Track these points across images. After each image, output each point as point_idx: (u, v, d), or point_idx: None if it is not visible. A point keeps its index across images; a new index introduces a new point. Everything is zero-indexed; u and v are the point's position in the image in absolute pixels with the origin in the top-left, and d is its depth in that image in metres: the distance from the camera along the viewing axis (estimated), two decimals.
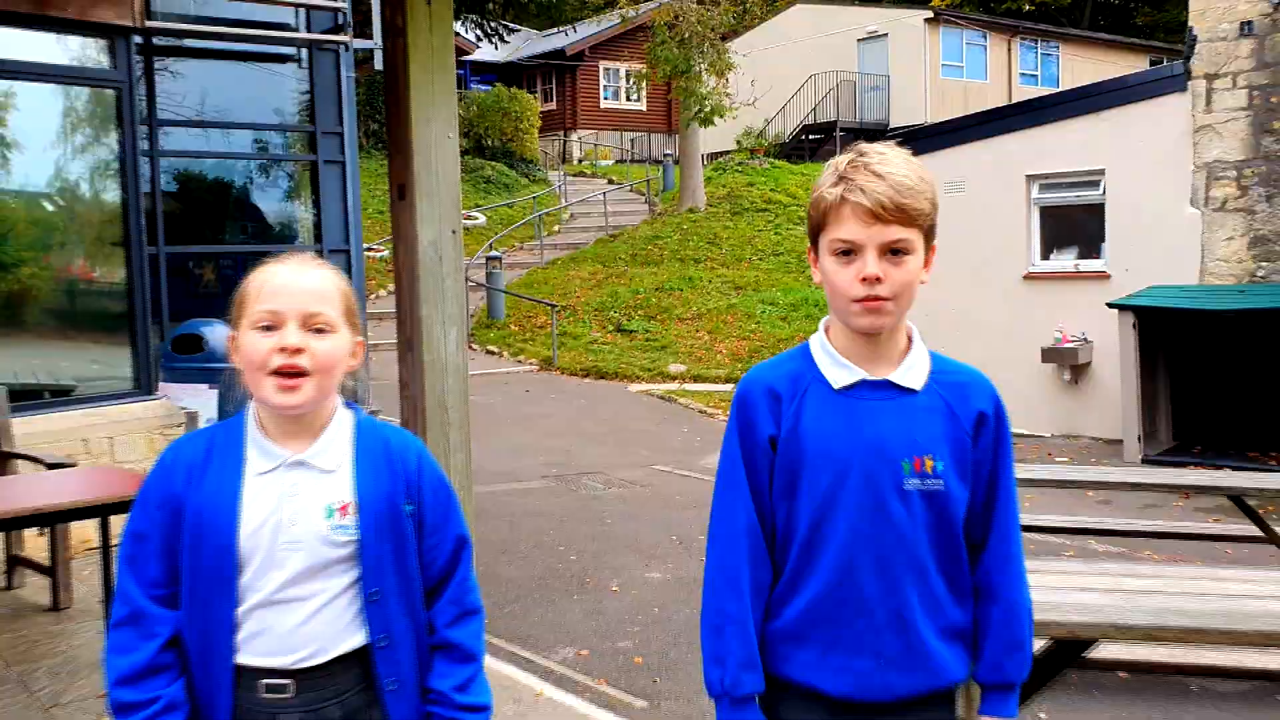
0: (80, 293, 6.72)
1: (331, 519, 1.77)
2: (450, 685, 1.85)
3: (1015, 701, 1.88)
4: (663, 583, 6.16)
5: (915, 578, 1.80)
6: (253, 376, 1.77)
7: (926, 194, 1.77)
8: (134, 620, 1.76)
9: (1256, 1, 9.60)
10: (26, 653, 4.72)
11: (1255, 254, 9.73)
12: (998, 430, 1.84)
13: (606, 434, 11.86)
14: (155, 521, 1.79)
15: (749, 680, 1.82)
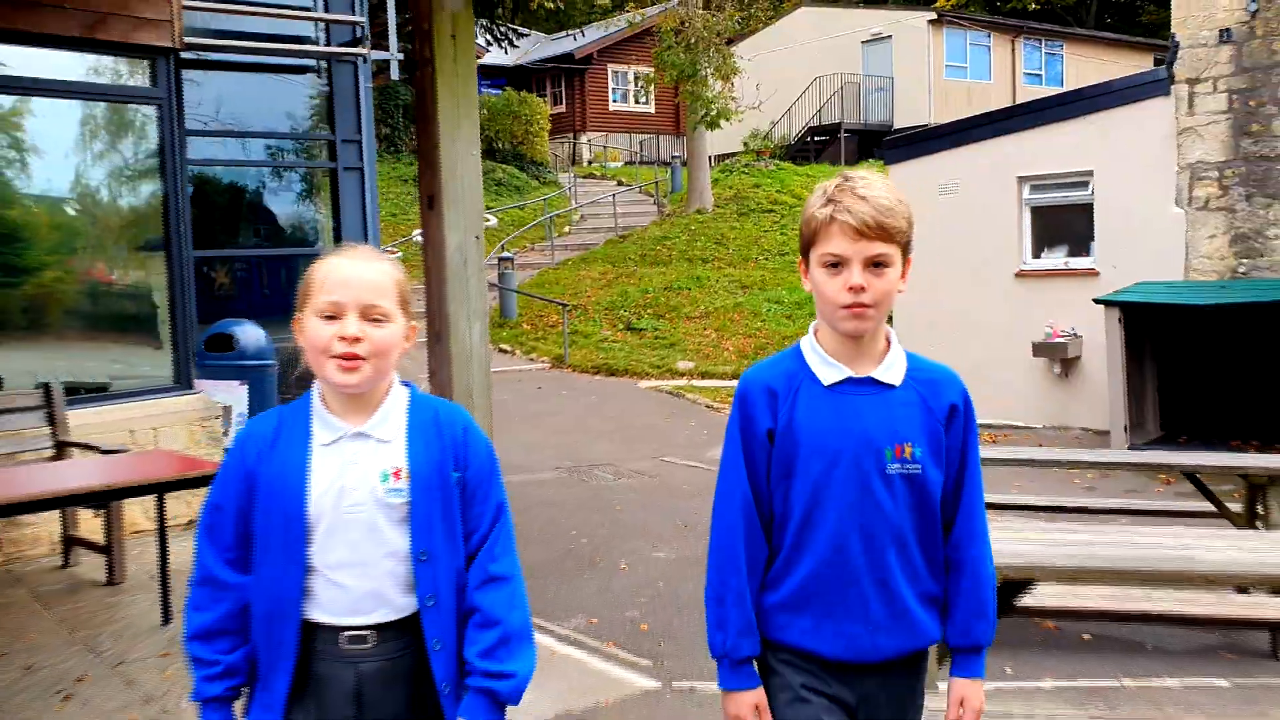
0: (125, 295, 7.20)
1: (386, 483, 1.95)
2: (476, 651, 1.97)
3: (983, 662, 2.14)
4: (668, 561, 6.60)
5: (898, 551, 2.04)
6: (315, 358, 1.96)
7: (904, 214, 2.03)
8: (208, 583, 1.98)
9: (1234, 10, 10.01)
10: (88, 620, 5.20)
11: (1236, 251, 10.14)
12: (966, 420, 2.11)
13: (616, 428, 12.27)
14: (230, 494, 1.99)
15: (746, 645, 2.09)
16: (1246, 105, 10.02)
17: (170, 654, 4.71)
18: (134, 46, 6.65)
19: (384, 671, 1.94)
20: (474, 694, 1.95)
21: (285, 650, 1.93)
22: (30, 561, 6.21)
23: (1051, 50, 34.23)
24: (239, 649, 1.97)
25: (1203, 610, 4.38)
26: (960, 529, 2.11)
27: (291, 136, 10.83)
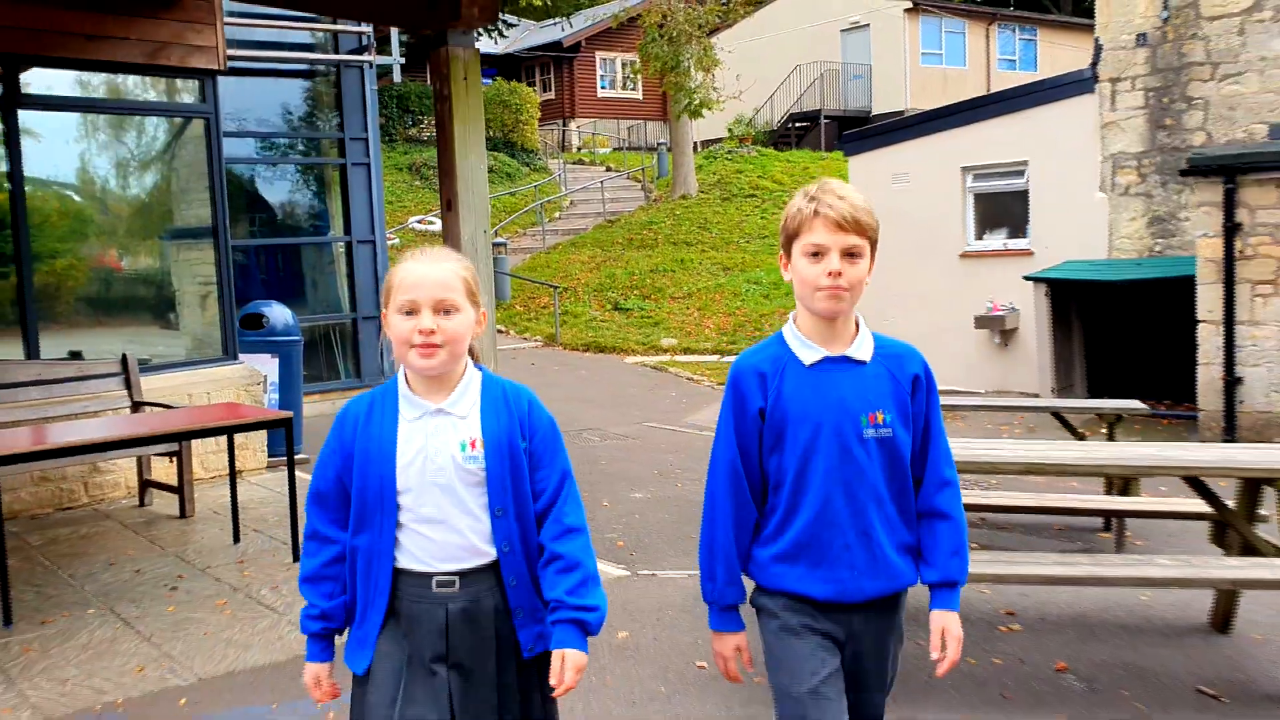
0: (181, 279, 8.41)
1: (464, 452, 2.26)
2: (563, 590, 2.28)
3: (958, 597, 2.44)
4: (644, 500, 7.81)
5: (875, 505, 2.35)
6: (400, 349, 2.27)
7: (873, 215, 2.35)
8: (314, 537, 2.37)
9: (1150, 16, 11.22)
10: (172, 542, 6.43)
11: (1153, 232, 11.39)
12: (928, 388, 2.42)
13: (604, 399, 13.42)
14: (332, 465, 2.34)
15: (732, 593, 2.42)
16: (1160, 102, 11.25)
17: (244, 561, 5.95)
18: (187, 69, 7.84)
19: (467, 611, 2.25)
20: (566, 625, 2.26)
21: (380, 591, 2.27)
22: (112, 503, 7.46)
23: (1025, 36, 35.31)
24: (337, 597, 2.34)
25: (1051, 503, 5.65)
26: (930, 481, 2.42)
27: (305, 135, 12.03)
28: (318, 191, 12.51)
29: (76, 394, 7.03)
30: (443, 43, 5.10)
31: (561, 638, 2.24)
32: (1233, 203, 9.09)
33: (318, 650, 2.34)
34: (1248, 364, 9.20)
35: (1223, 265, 9.16)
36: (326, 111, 12.17)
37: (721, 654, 2.47)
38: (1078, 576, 3.86)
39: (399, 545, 2.25)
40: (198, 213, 8.32)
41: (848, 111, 32.55)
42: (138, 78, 7.79)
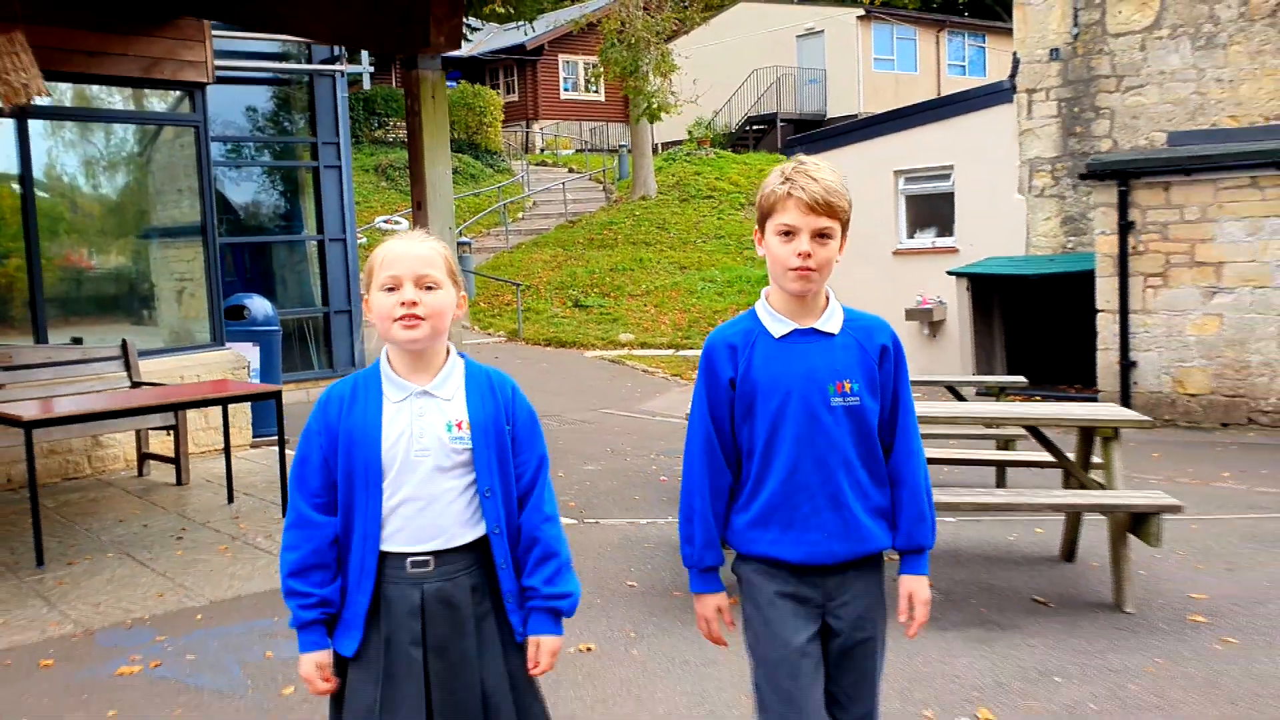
0: (173, 273, 9.20)
1: (451, 432, 2.26)
2: (541, 579, 2.32)
3: (926, 562, 2.51)
4: (596, 471, 8.67)
5: (844, 470, 2.39)
6: (383, 324, 2.27)
7: (846, 197, 2.38)
8: (300, 525, 2.30)
9: (1061, 33, 12.24)
10: (172, 504, 7.24)
11: (1066, 230, 12.41)
12: (896, 359, 2.46)
13: (564, 389, 14.23)
14: (315, 446, 2.30)
15: (710, 556, 2.47)
16: (1071, 111, 12.27)
17: (238, 517, 6.79)
18: (179, 82, 8.64)
19: (443, 591, 2.26)
20: (541, 613, 2.33)
21: (367, 574, 2.27)
22: (113, 473, 8.25)
23: (975, 43, 36.48)
24: (330, 583, 2.29)
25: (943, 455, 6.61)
26: (898, 450, 2.47)
27: (280, 140, 12.81)
28: (292, 193, 13.27)
29: (82, 375, 7.82)
30: (414, 65, 5.95)
31: (537, 624, 2.33)
32: (1126, 203, 10.10)
33: (315, 639, 2.30)
34: (1141, 349, 10.22)
35: (1118, 260, 10.17)
36: (300, 117, 12.94)
37: (704, 616, 2.52)
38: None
39: (388, 528, 2.27)
40: (189, 213, 9.11)
41: (803, 115, 33.56)
42: (134, 90, 8.57)
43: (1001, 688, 4.04)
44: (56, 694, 4.19)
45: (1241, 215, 9.61)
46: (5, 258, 8.16)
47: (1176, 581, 5.35)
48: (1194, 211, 9.83)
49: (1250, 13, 10.98)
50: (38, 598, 5.33)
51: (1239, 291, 9.70)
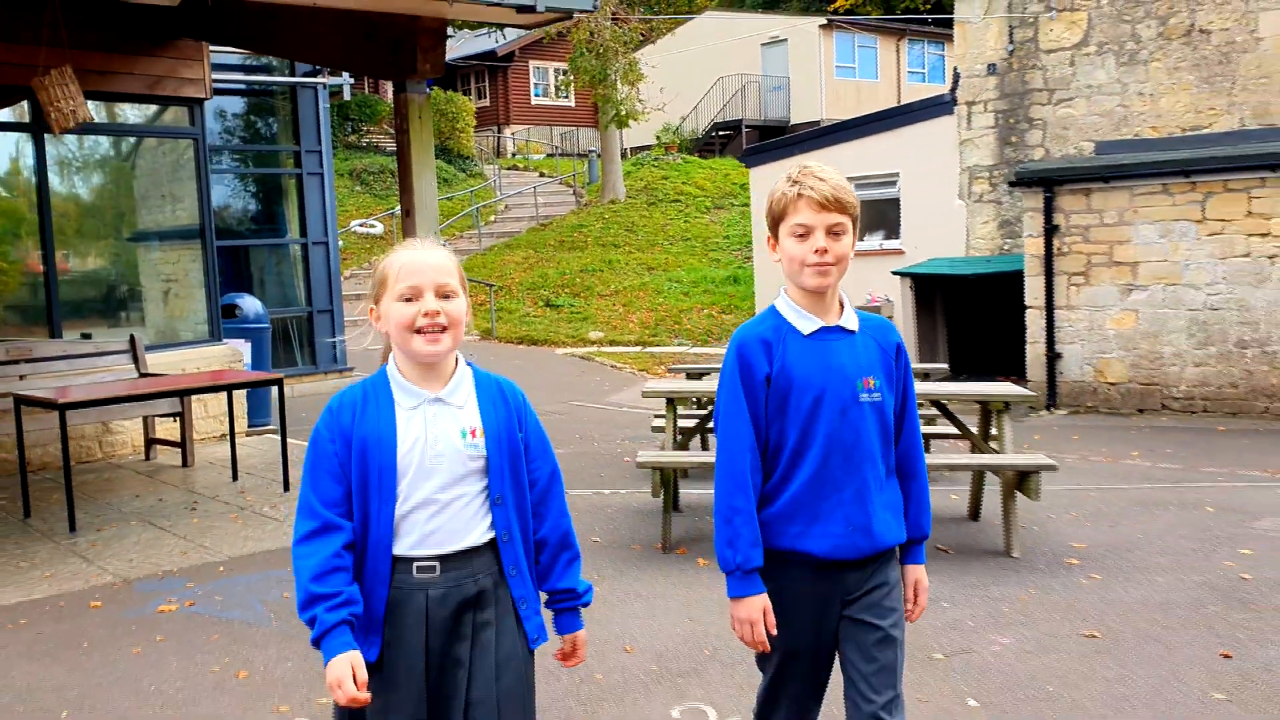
0: (175, 275, 9.95)
1: (465, 439, 2.27)
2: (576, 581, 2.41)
3: (924, 549, 2.63)
4: (566, 454, 9.46)
5: (869, 466, 2.46)
6: (401, 335, 2.24)
7: (853, 194, 2.47)
8: (320, 532, 2.23)
9: (998, 49, 13.17)
10: (180, 482, 8.00)
11: (1002, 233, 13.34)
12: (904, 357, 2.59)
13: (537, 384, 14.94)
14: (330, 453, 2.26)
15: (756, 556, 2.44)
16: (1007, 122, 13.21)
17: (244, 492, 7.56)
18: (179, 99, 9.40)
19: (448, 596, 2.24)
20: (574, 613, 2.43)
21: (381, 578, 2.25)
22: (121, 458, 8.99)
23: (934, 51, 37.49)
24: (352, 584, 2.24)
25: None
26: (906, 443, 2.56)
27: (265, 148, 13.55)
28: (277, 198, 14.00)
29: (94, 367, 8.55)
30: (403, 90, 6.75)
31: (571, 622, 2.42)
32: (1051, 208, 11.03)
33: (346, 640, 2.17)
34: (1065, 342, 11.14)
35: (1044, 260, 11.09)
36: (284, 126, 13.68)
37: (748, 619, 2.47)
38: None
39: (400, 532, 2.26)
40: (188, 218, 9.86)
41: (768, 121, 34.48)
42: (139, 105, 9.32)
43: None
44: (110, 626, 4.97)
45: (1154, 219, 10.55)
46: (24, 261, 8.89)
47: (1063, 536, 6.23)
48: (1112, 216, 10.77)
49: (1168, 33, 11.94)
50: (76, 557, 6.10)
51: (1152, 289, 10.64)
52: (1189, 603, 4.98)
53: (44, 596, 5.42)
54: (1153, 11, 11.99)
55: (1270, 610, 4.86)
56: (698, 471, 8.08)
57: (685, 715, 3.85)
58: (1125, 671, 4.17)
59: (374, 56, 6.88)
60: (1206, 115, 11.70)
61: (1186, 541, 6.05)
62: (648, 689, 4.08)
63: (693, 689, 4.07)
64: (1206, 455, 8.84)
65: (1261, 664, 4.22)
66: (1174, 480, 7.87)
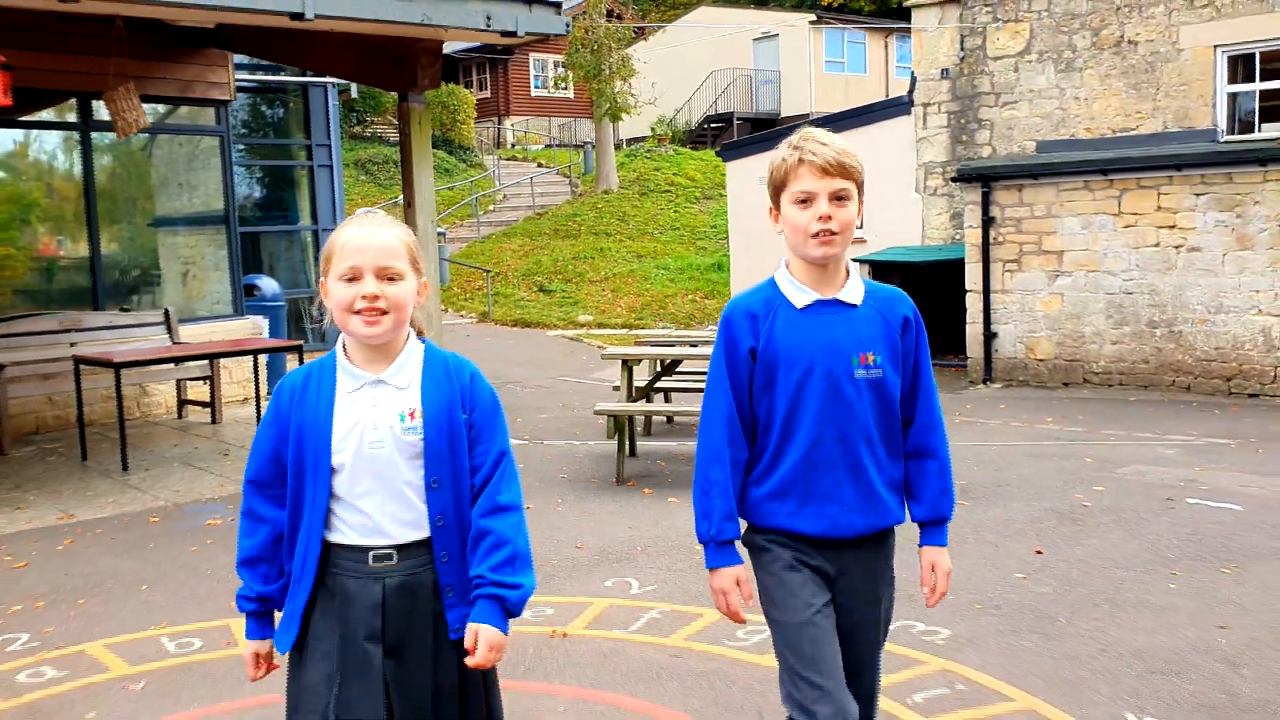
0: (205, 257, 11.21)
1: (403, 422, 2.22)
2: (488, 566, 2.22)
3: (946, 533, 2.57)
4: (547, 418, 10.69)
5: (865, 444, 2.42)
6: (341, 316, 2.22)
7: (856, 158, 2.41)
8: (249, 515, 2.33)
9: (951, 55, 14.37)
10: (211, 435, 9.25)
11: (954, 224, 14.56)
12: (917, 331, 2.48)
13: (528, 362, 16.20)
14: (268, 436, 2.30)
15: (730, 529, 2.44)
16: (959, 122, 14.42)
17: None
18: (207, 100, 10.63)
19: (405, 586, 2.22)
20: (486, 600, 2.21)
21: (309, 570, 2.24)
22: (156, 417, 10.26)
23: None
24: (274, 580, 2.31)
25: None
26: (920, 422, 2.50)
27: (280, 141, 14.77)
28: (289, 188, 15.24)
29: (133, 336, 9.81)
30: (405, 99, 7.96)
31: (479, 613, 2.22)
32: (988, 202, 12.25)
33: (256, 627, 2.33)
34: (1000, 323, 12.38)
35: (981, 249, 12.32)
36: (296, 121, 14.90)
37: (721, 589, 2.46)
38: None
39: (336, 519, 2.23)
40: (213, 206, 11.11)
41: (758, 114, 35.60)
42: (172, 106, 10.56)
43: None
44: (168, 534, 6.23)
45: (1077, 212, 11.77)
46: (72, 243, 10.15)
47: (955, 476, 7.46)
48: (1041, 209, 11.98)
49: (1100, 43, 13.12)
50: (131, 488, 7.36)
51: (1075, 275, 11.87)
52: (1029, 520, 6.23)
53: (112, 515, 6.69)
54: (1087, 24, 13.17)
55: (1092, 526, 6.11)
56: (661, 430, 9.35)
57: (615, 584, 5.11)
58: (957, 563, 5.41)
59: (380, 71, 8.10)
60: (1134, 118, 12.90)
61: (1053, 481, 7.29)
62: (590, 571, 5.34)
63: (623, 570, 5.33)
64: (1111, 420, 10.06)
65: (1064, 559, 5.47)
66: (1072, 439, 9.10)
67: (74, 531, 6.33)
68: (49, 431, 9.52)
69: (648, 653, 4.27)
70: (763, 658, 4.19)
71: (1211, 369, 11.17)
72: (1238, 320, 10.97)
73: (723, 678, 4.03)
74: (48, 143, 10.15)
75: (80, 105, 9.92)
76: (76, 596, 5.19)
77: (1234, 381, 11.04)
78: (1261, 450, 8.35)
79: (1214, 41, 12.28)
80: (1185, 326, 11.28)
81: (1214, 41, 12.28)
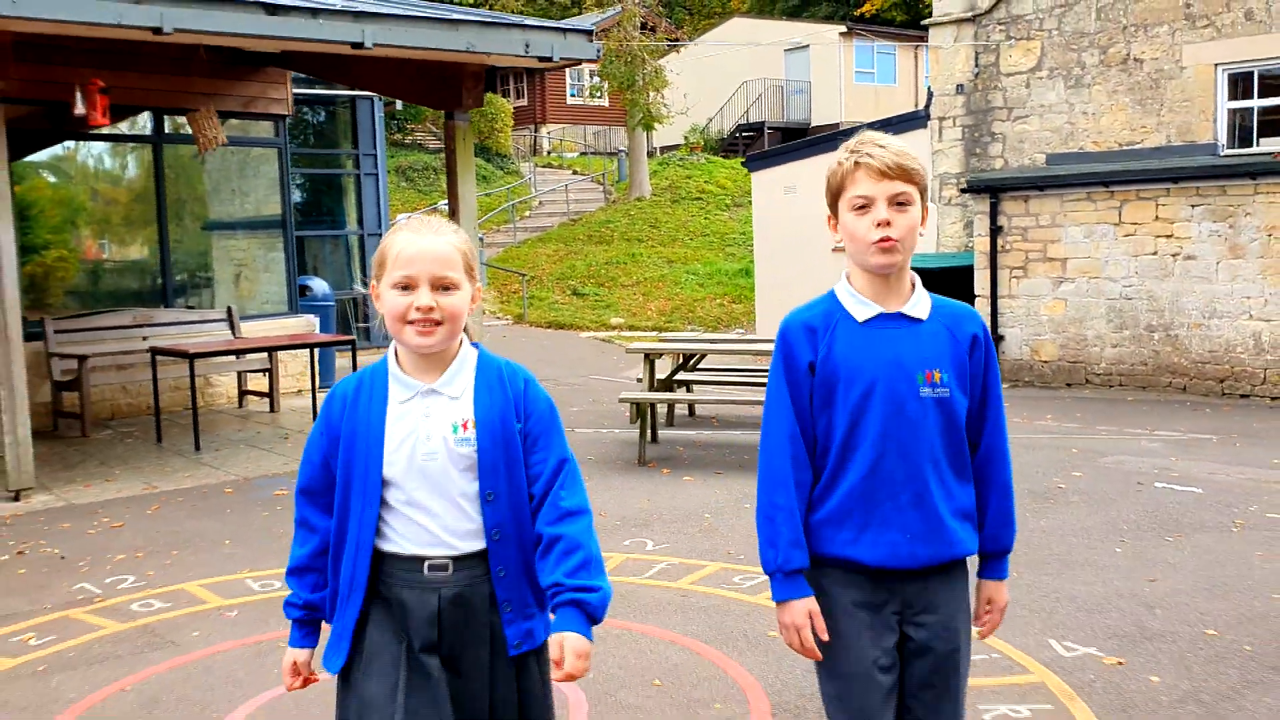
0: (256, 259, 12.11)
1: (456, 434, 2.16)
2: (563, 572, 2.13)
3: (1006, 565, 2.43)
4: (578, 410, 11.46)
5: (931, 467, 2.26)
6: (394, 325, 2.17)
7: (917, 161, 2.30)
8: (304, 524, 2.29)
9: (966, 71, 15.06)
10: (270, 423, 10.12)
11: (967, 232, 15.23)
12: (986, 349, 2.33)
13: (561, 361, 17.00)
14: (319, 447, 2.25)
15: (798, 557, 2.27)
16: (973, 136, 15.10)
17: None
18: (268, 115, 11.54)
19: (461, 596, 2.17)
20: (566, 608, 2.12)
21: (359, 582, 2.19)
22: (219, 407, 11.15)
23: None
24: (320, 589, 2.28)
25: None
26: (987, 448, 2.35)
27: (329, 151, 15.69)
28: (337, 195, 16.17)
29: (199, 331, 10.71)
30: (451, 118, 8.78)
31: (561, 621, 2.12)
32: (996, 212, 12.93)
33: (300, 635, 2.32)
34: (1007, 326, 13.05)
35: (990, 256, 13.01)
36: (344, 132, 15.82)
37: (793, 624, 2.29)
38: None
39: (389, 529, 2.18)
40: (265, 211, 12.02)
41: (789, 123, 36.29)
42: (236, 120, 11.47)
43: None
44: (242, 502, 7.09)
45: (1080, 222, 12.44)
46: (145, 246, 11.08)
47: None
48: (1046, 219, 12.66)
49: (1107, 61, 13.77)
50: (204, 466, 8.23)
51: (1078, 281, 12.53)
52: None
53: (190, 486, 7.56)
54: (1095, 42, 13.83)
55: (1063, 504, 6.83)
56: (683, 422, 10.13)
57: (632, 543, 5.91)
58: None
59: (428, 92, 8.94)
60: (1139, 132, 13.53)
61: (1037, 468, 8.00)
62: (611, 533, 6.14)
63: (640, 533, 6.12)
64: (1107, 418, 10.71)
65: (1028, 530, 6.20)
66: (1066, 434, 9.78)
67: (159, 499, 7.20)
68: (123, 418, 10.44)
69: (657, 593, 5.06)
70: (755, 598, 4.97)
71: (1206, 371, 11.80)
72: (1230, 325, 11.60)
73: (720, 611, 4.81)
74: (124, 153, 11.09)
75: (155, 119, 10.84)
76: (169, 549, 6.05)
77: (1226, 383, 11.67)
78: (1239, 444, 9.01)
79: (1215, 60, 12.91)
80: (1181, 331, 11.92)
81: (1215, 60, 12.91)
